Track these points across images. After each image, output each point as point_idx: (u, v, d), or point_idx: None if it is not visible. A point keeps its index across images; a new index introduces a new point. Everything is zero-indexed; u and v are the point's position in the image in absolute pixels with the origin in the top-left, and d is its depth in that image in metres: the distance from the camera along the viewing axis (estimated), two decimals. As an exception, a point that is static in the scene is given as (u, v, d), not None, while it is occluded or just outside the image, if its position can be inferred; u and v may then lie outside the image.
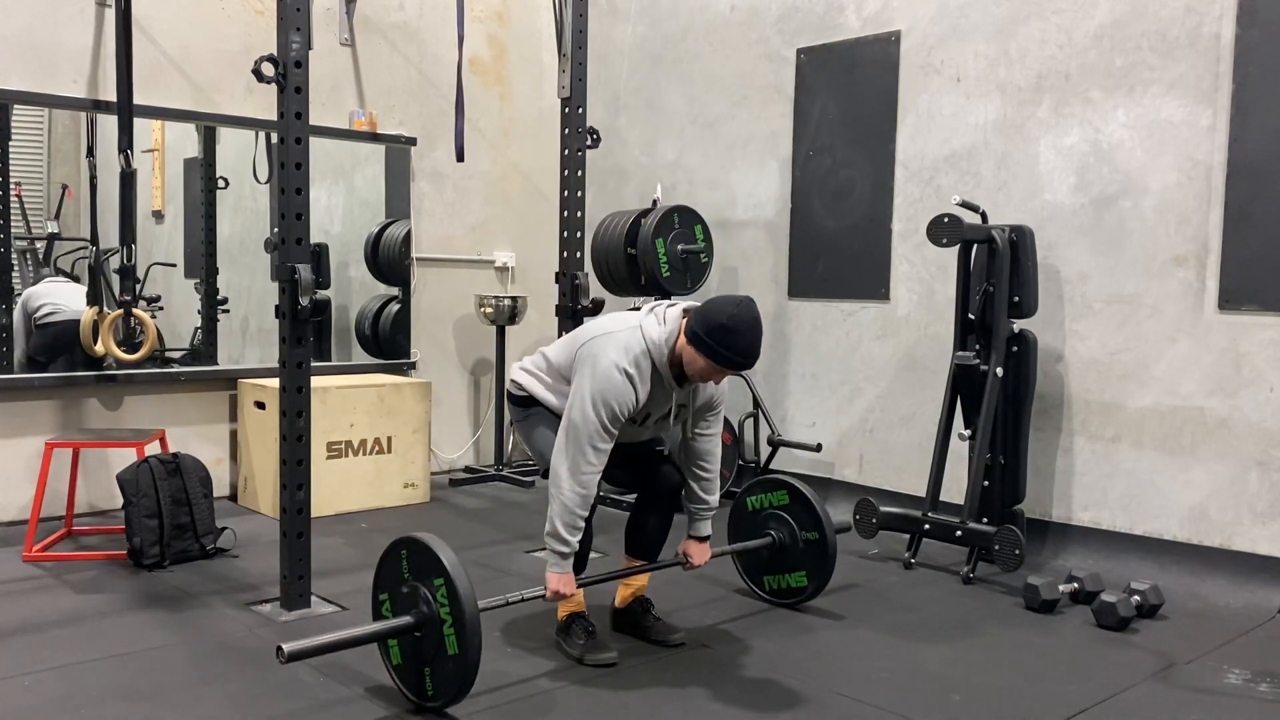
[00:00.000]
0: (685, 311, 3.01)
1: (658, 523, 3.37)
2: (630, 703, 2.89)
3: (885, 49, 4.94)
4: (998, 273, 4.19)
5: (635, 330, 3.01)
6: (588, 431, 2.91)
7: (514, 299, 5.80)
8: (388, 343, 5.83)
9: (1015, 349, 4.23)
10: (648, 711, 2.84)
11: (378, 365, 5.75)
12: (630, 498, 3.51)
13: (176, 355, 5.31)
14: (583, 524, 2.98)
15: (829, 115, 5.20)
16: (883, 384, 5.02)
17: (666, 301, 3.12)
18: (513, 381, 3.32)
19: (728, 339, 2.86)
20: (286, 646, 2.57)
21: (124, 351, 4.68)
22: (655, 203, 5.14)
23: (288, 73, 3.35)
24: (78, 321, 4.73)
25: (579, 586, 3.09)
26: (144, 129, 5.01)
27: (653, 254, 4.95)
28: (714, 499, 3.33)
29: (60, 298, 4.91)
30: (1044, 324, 4.36)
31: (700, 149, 5.79)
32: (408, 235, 5.79)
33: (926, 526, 4.22)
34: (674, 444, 3.35)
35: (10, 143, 4.67)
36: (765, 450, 5.37)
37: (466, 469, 6.01)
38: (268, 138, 5.26)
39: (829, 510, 3.68)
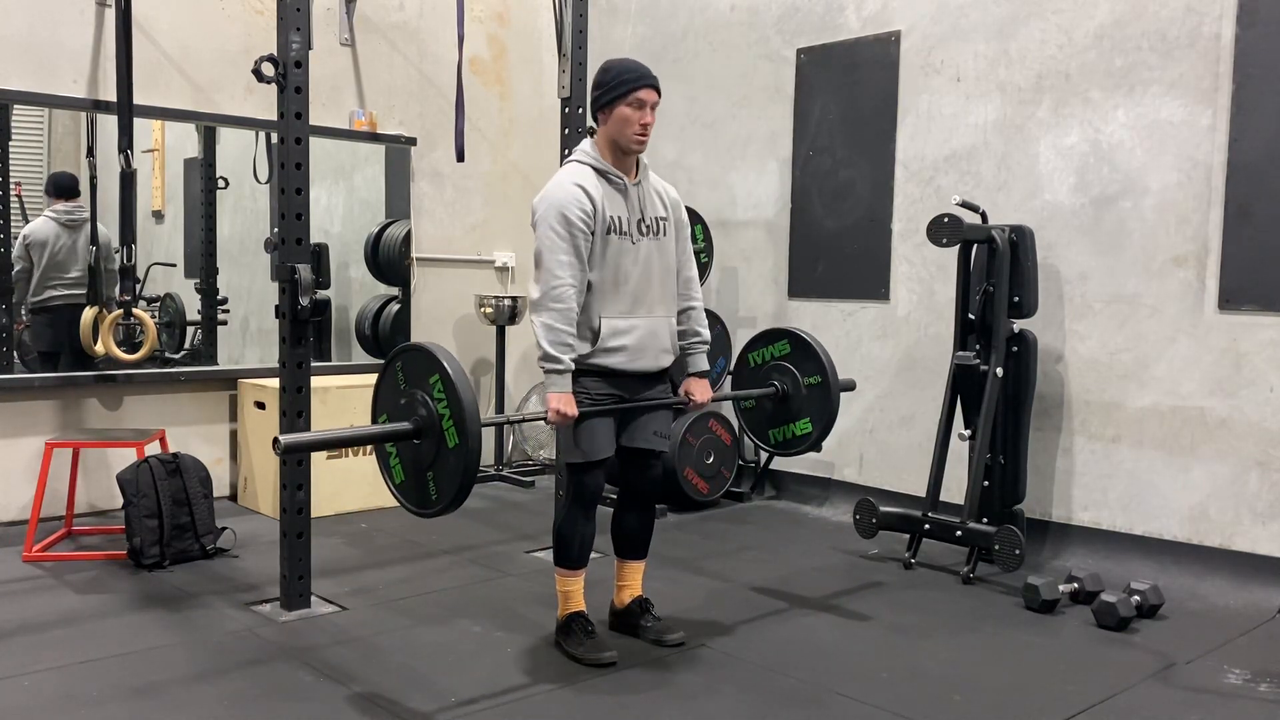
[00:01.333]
0: (590, 132, 3.19)
1: (640, 520, 3.37)
2: (630, 703, 2.89)
3: (885, 49, 4.94)
4: (998, 273, 4.19)
5: (567, 167, 3.16)
6: (549, 247, 2.98)
7: (514, 299, 5.80)
8: (388, 343, 5.83)
9: (1015, 349, 4.23)
10: (648, 711, 2.84)
11: (378, 365, 5.73)
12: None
13: (176, 355, 5.31)
14: (571, 340, 2.99)
15: (829, 115, 5.20)
16: (883, 384, 5.02)
17: None
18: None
19: (614, 71, 3.07)
20: (283, 439, 2.60)
21: (124, 351, 4.68)
22: (655, 203, 5.14)
23: (288, 73, 3.35)
24: (80, 306, 4.72)
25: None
26: (144, 129, 5.01)
27: (653, 254, 4.94)
28: (705, 330, 3.36)
29: (60, 262, 4.87)
30: (1044, 324, 4.36)
31: (700, 149, 5.79)
32: (408, 235, 5.79)
33: (926, 526, 4.22)
34: (673, 445, 3.34)
35: (10, 143, 4.67)
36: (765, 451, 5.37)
37: (466, 469, 6.00)
38: (268, 138, 5.26)
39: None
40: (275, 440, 2.58)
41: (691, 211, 5.11)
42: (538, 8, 6.12)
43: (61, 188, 4.87)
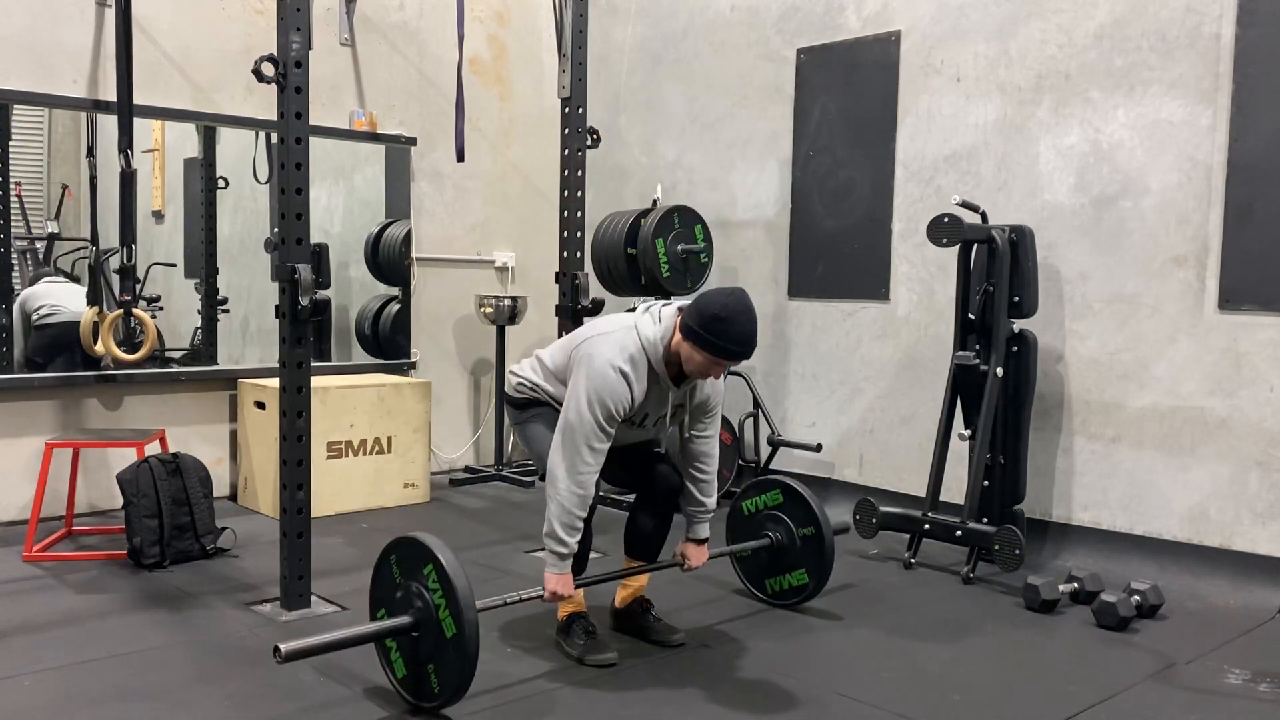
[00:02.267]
0: (680, 310, 3.01)
1: (656, 523, 3.37)
2: (630, 703, 2.89)
3: (885, 49, 4.94)
4: (998, 273, 4.19)
5: (630, 330, 3.01)
6: (584, 431, 2.91)
7: (514, 299, 5.80)
8: (388, 343, 5.83)
9: (1015, 349, 4.23)
10: (648, 711, 2.84)
11: (378, 365, 5.75)
12: (630, 498, 3.51)
13: (176, 355, 5.31)
14: (581, 524, 2.98)
15: (829, 115, 5.20)
16: (883, 384, 5.02)
17: (662, 301, 3.12)
18: (510, 384, 3.33)
19: (723, 329, 2.85)
20: (284, 646, 2.57)
21: (124, 351, 4.68)
22: (655, 203, 5.14)
23: (288, 73, 3.35)
24: (77, 323, 4.73)
25: (578, 586, 3.10)
26: (144, 129, 5.01)
27: (653, 254, 4.95)
28: (711, 501, 3.33)
29: (59, 298, 4.91)
30: (1044, 324, 4.36)
31: (700, 149, 5.79)
32: (408, 235, 5.79)
33: (926, 526, 4.22)
34: (672, 446, 3.34)
35: (10, 143, 4.67)
36: (765, 450, 5.37)
37: (466, 469, 6.01)
38: (268, 138, 5.26)
39: (828, 510, 3.68)
40: (276, 649, 2.56)
41: (691, 211, 5.14)
42: (538, 8, 6.12)
43: (43, 274, 4.98)
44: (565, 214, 4.47)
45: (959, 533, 4.10)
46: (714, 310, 2.86)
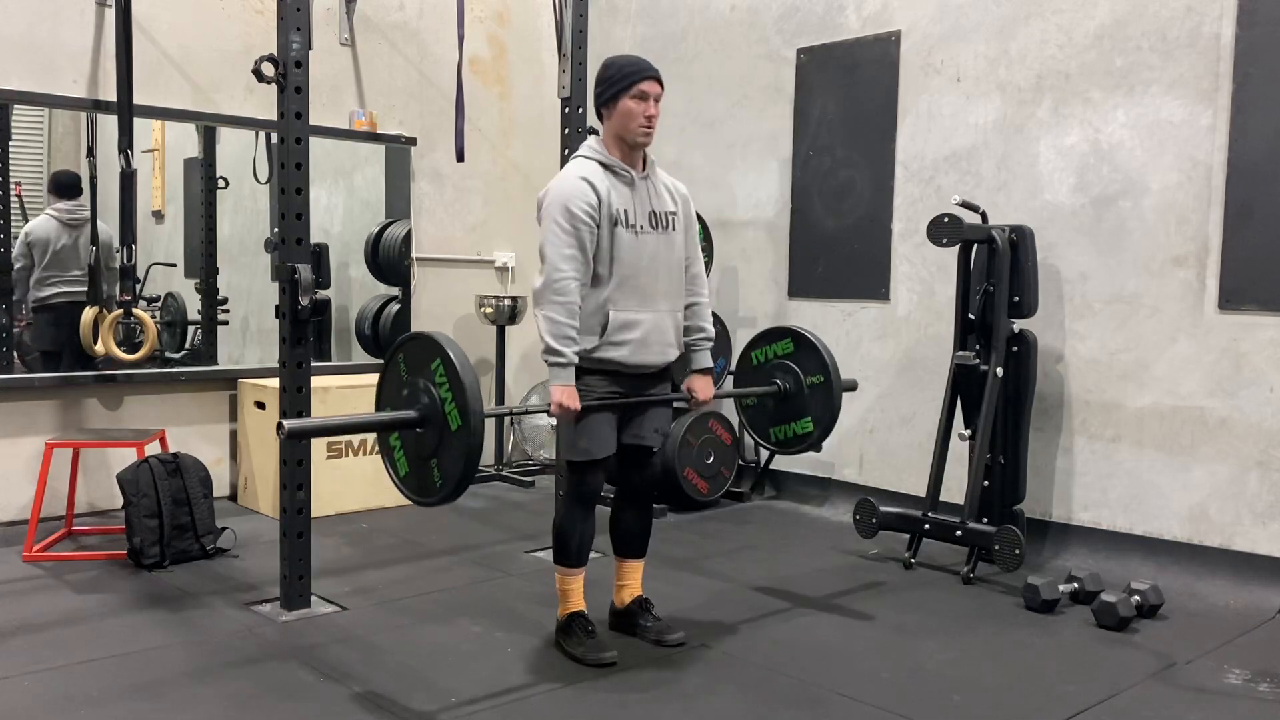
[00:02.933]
0: (594, 131, 3.18)
1: (638, 518, 3.37)
2: (630, 703, 2.89)
3: (885, 49, 4.94)
4: (998, 273, 4.19)
5: (573, 162, 3.16)
6: (553, 241, 2.99)
7: (514, 299, 5.80)
8: (388, 343, 5.83)
9: (1015, 349, 4.23)
10: (648, 711, 2.84)
11: (378, 365, 5.72)
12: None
13: (176, 355, 5.31)
14: (574, 333, 3.00)
15: (829, 115, 5.20)
16: (883, 384, 5.02)
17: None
18: None
19: (615, 66, 3.10)
20: (287, 424, 2.60)
21: (124, 351, 4.68)
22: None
23: (288, 73, 3.35)
24: (81, 303, 4.72)
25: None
26: (144, 129, 5.01)
27: (653, 254, 4.94)
28: (709, 327, 3.35)
29: (65, 264, 4.85)
30: (1044, 324, 4.36)
31: (700, 149, 5.79)
32: (408, 235, 5.79)
33: (926, 526, 4.22)
34: (672, 444, 3.34)
35: (10, 143, 4.67)
36: (765, 450, 5.37)
37: (466, 469, 6.00)
38: (268, 138, 5.26)
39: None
40: (279, 425, 2.59)
41: (691, 211, 5.13)
42: (538, 8, 6.12)
43: (63, 186, 4.87)
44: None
45: (959, 533, 4.10)
46: (600, 72, 3.13)
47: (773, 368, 3.69)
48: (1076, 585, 3.75)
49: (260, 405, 4.95)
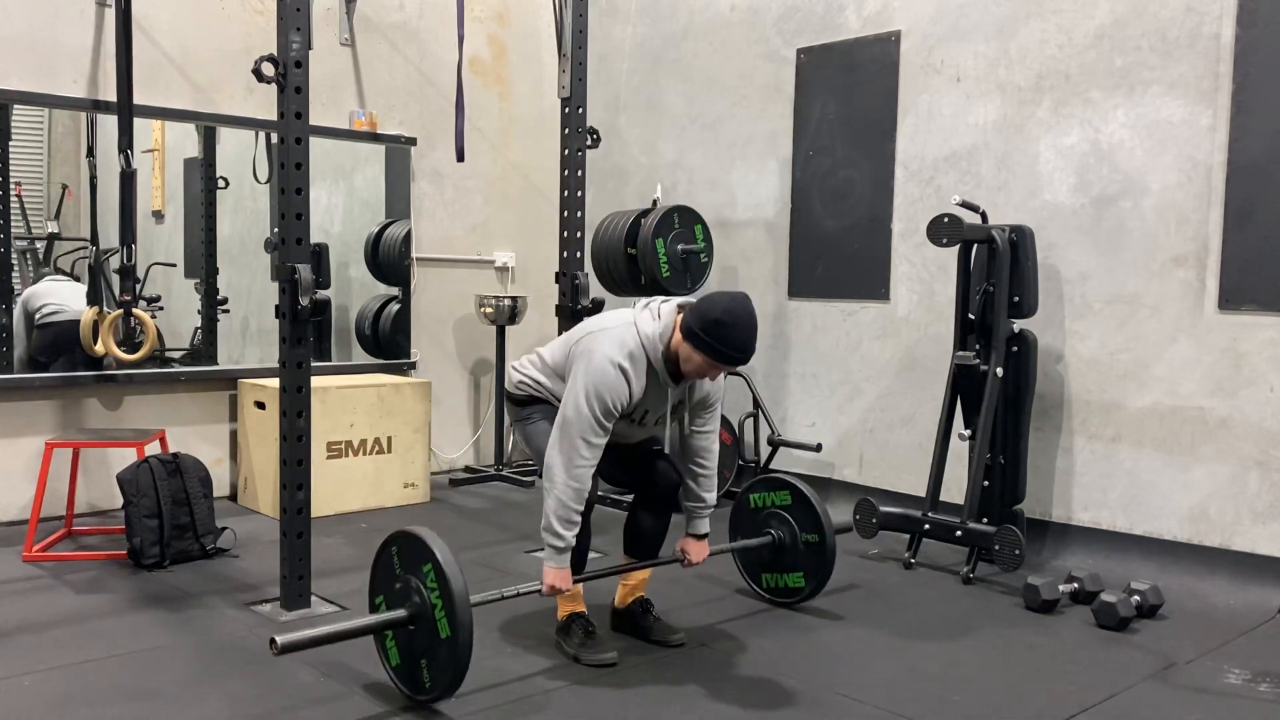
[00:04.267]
0: (680, 308, 3.02)
1: (655, 522, 3.37)
2: (630, 703, 2.89)
3: (885, 49, 4.94)
4: (998, 273, 4.19)
5: (630, 326, 3.02)
6: (581, 426, 2.93)
7: (514, 299, 5.80)
8: (388, 343, 5.83)
9: (1015, 349, 4.23)
10: (648, 711, 2.84)
11: (378, 365, 5.75)
12: (629, 498, 3.51)
13: (176, 355, 5.31)
14: (578, 518, 2.99)
15: (829, 115, 5.20)
16: (883, 384, 5.02)
17: (661, 298, 3.12)
18: (510, 381, 3.33)
19: (723, 334, 2.86)
20: (280, 639, 2.59)
21: (124, 351, 4.68)
22: (655, 203, 5.14)
23: (288, 73, 3.35)
24: (79, 321, 4.73)
25: (577, 581, 3.11)
26: (144, 129, 5.01)
27: (653, 254, 4.95)
28: (711, 497, 3.33)
29: (61, 297, 4.90)
30: (1044, 324, 4.36)
31: (700, 149, 5.79)
32: (408, 235, 5.79)
33: (926, 526, 4.22)
34: (672, 443, 3.34)
35: (10, 143, 4.67)
36: (765, 450, 5.37)
37: (466, 469, 6.01)
38: (268, 138, 5.26)
39: (829, 511, 3.69)
40: (272, 641, 2.59)
41: (691, 211, 5.14)
42: (538, 8, 6.12)
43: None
44: (565, 214, 4.47)
45: (959, 533, 4.10)
46: (716, 315, 2.86)
47: (769, 515, 3.74)
48: (1076, 585, 3.75)
49: (260, 405, 4.95)
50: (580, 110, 4.41)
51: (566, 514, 2.96)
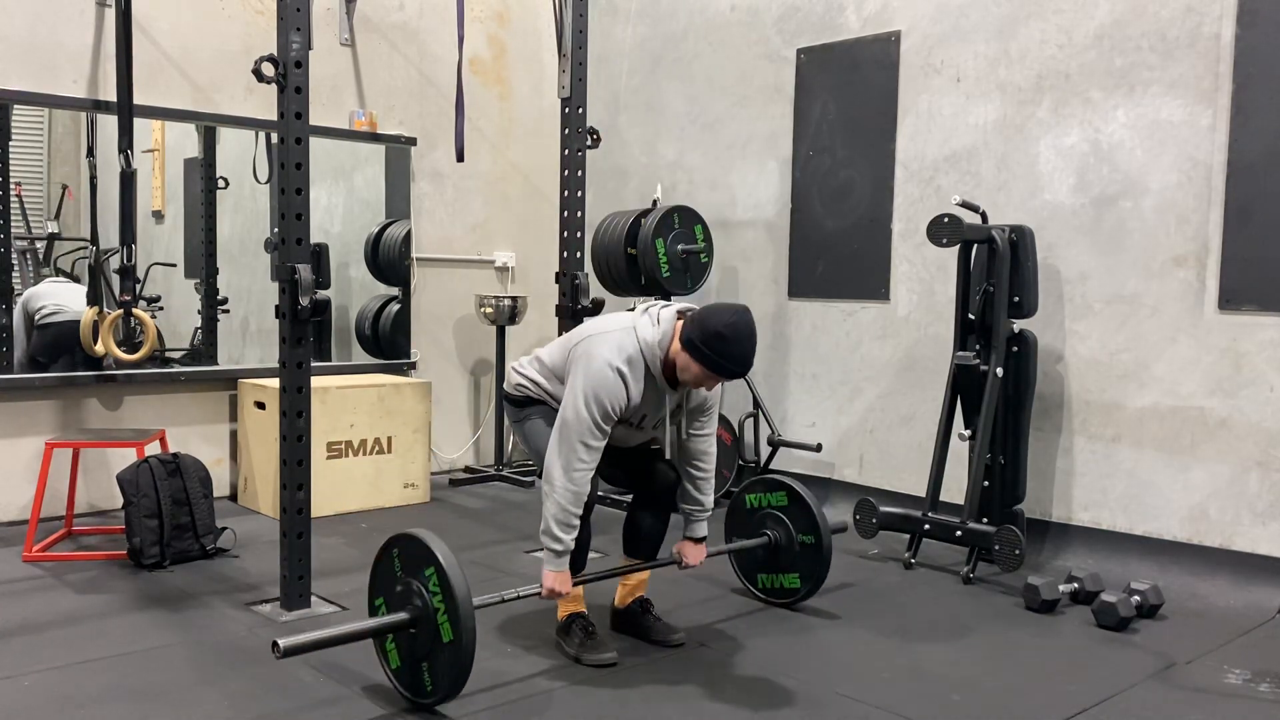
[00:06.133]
0: (680, 314, 3.02)
1: (654, 522, 3.38)
2: (630, 703, 2.89)
3: (885, 49, 4.94)
4: (998, 273, 4.19)
5: (629, 331, 3.02)
6: (580, 429, 2.93)
7: (514, 299, 5.80)
8: (388, 343, 5.83)
9: (1015, 349, 4.23)
10: (647, 711, 2.84)
11: (378, 365, 5.75)
12: (629, 498, 3.51)
13: (176, 355, 5.31)
14: (577, 521, 2.99)
15: (829, 115, 5.20)
16: (883, 384, 5.02)
17: (662, 302, 3.13)
18: (509, 383, 3.33)
19: (723, 348, 2.88)
20: (282, 642, 2.58)
21: (124, 351, 4.68)
22: (655, 203, 5.14)
23: (288, 73, 3.35)
24: (79, 322, 4.73)
25: (576, 584, 3.11)
26: (144, 129, 5.01)
27: (653, 254, 4.95)
28: (709, 500, 3.33)
29: (61, 298, 4.91)
30: (1044, 324, 4.36)
31: (700, 149, 5.79)
32: (408, 235, 5.79)
33: (926, 526, 4.22)
34: (671, 447, 3.35)
35: (10, 143, 4.67)
36: (765, 450, 5.37)
37: (466, 469, 6.01)
38: (268, 138, 5.26)
39: (827, 511, 3.69)
40: (274, 644, 2.58)
41: (691, 211, 5.14)
42: (538, 8, 6.12)
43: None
44: (565, 214, 4.47)
45: (959, 533, 4.10)
46: (717, 328, 2.88)
47: (765, 516, 3.74)
48: (1076, 585, 3.75)
49: (260, 405, 4.95)
50: (580, 110, 4.40)
51: (565, 518, 2.96)
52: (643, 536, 3.38)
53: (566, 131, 4.43)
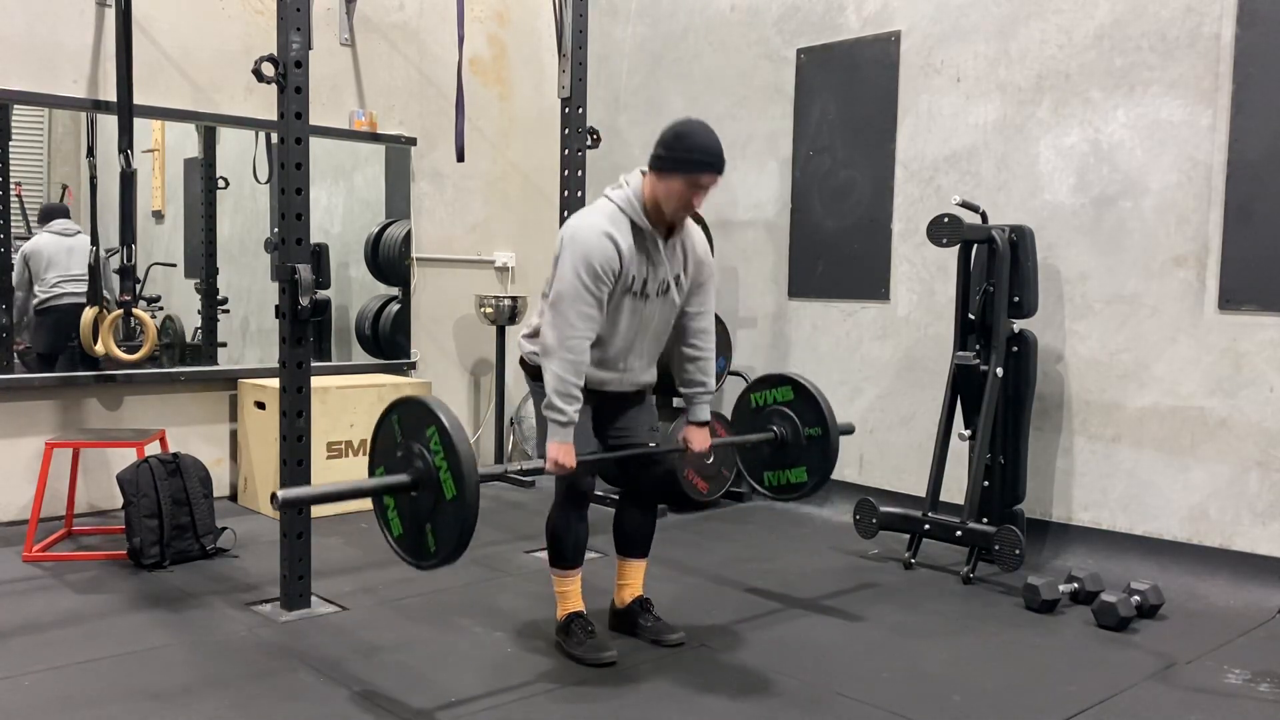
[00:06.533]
0: (643, 172, 3.05)
1: (642, 517, 3.37)
2: (630, 703, 2.89)
3: (885, 49, 4.94)
4: (998, 273, 4.19)
5: (603, 201, 3.06)
6: (571, 296, 2.93)
7: (514, 299, 5.80)
8: (388, 343, 5.83)
9: (1015, 349, 4.23)
10: (647, 711, 2.84)
11: (378, 365, 5.75)
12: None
13: (175, 348, 5.31)
14: (578, 392, 2.97)
15: (829, 115, 5.20)
16: (883, 384, 5.02)
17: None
18: (523, 349, 3.29)
19: (688, 143, 2.91)
20: (281, 494, 2.58)
21: (124, 351, 4.68)
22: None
23: (288, 73, 3.35)
24: (82, 305, 4.72)
25: (581, 459, 3.05)
26: (144, 129, 5.01)
27: (653, 254, 4.94)
28: (710, 380, 3.33)
29: (65, 267, 4.85)
30: (1044, 324, 4.36)
31: (700, 149, 5.78)
32: (408, 235, 5.79)
33: (926, 526, 4.22)
34: (668, 439, 3.34)
35: (10, 143, 4.67)
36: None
37: (466, 469, 6.00)
38: (268, 138, 5.26)
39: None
40: (273, 496, 2.58)
41: (691, 211, 5.13)
42: (538, 8, 6.12)
43: (53, 212, 4.90)
44: (565, 214, 4.47)
45: (959, 533, 4.10)
46: (673, 130, 2.94)
47: (771, 413, 3.70)
48: (1076, 585, 3.75)
49: (260, 405, 4.95)
50: (580, 110, 4.41)
51: (565, 388, 2.95)
52: (632, 535, 3.38)
53: (566, 131, 4.43)
